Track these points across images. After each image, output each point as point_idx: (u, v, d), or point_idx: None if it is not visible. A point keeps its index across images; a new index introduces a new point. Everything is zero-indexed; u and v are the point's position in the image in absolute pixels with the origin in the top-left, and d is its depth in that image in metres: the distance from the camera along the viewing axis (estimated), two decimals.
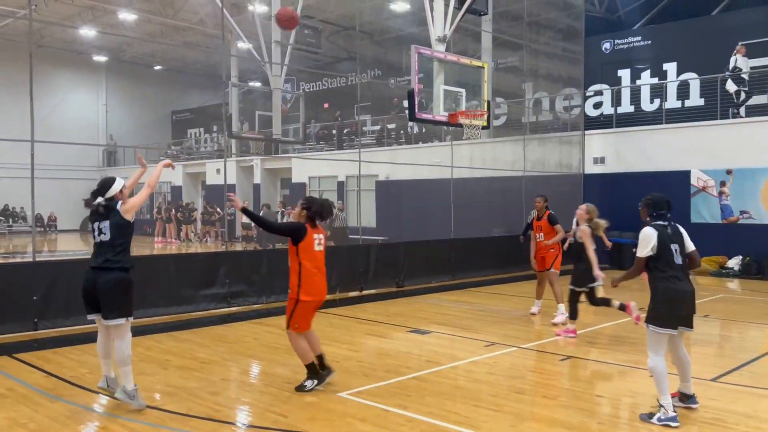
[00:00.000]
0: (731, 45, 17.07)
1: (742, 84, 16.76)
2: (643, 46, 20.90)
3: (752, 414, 5.53)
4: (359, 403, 5.82)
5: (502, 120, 22.30)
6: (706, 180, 16.68)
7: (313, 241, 6.13)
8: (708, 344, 8.76)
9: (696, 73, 19.09)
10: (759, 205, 15.83)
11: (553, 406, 5.76)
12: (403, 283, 13.21)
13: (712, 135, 16.62)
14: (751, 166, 15.91)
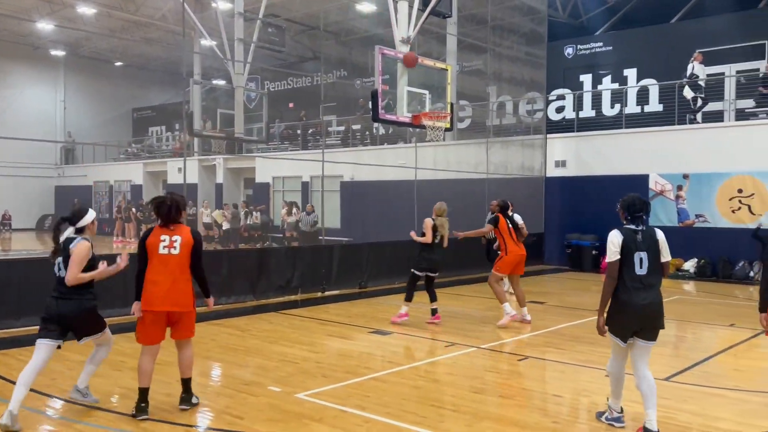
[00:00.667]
0: (689, 52, 17.47)
1: (699, 91, 17.16)
2: (604, 51, 21.26)
3: (702, 413, 5.65)
4: (316, 404, 5.77)
5: (466, 123, 22.45)
6: (664, 184, 17.04)
7: (159, 243, 5.34)
8: (663, 345, 8.91)
9: (655, 79, 19.51)
10: (714, 209, 16.24)
11: (510, 406, 5.80)
12: (367, 284, 13.19)
13: (670, 140, 16.99)
14: (707, 171, 16.30)
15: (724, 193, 16.08)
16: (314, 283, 12.23)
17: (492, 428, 5.19)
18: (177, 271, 5.34)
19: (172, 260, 5.33)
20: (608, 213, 12.54)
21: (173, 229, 5.39)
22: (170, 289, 5.32)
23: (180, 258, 5.35)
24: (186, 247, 5.37)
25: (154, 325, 5.39)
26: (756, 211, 15.63)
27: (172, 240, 5.33)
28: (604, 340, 8.45)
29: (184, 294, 5.41)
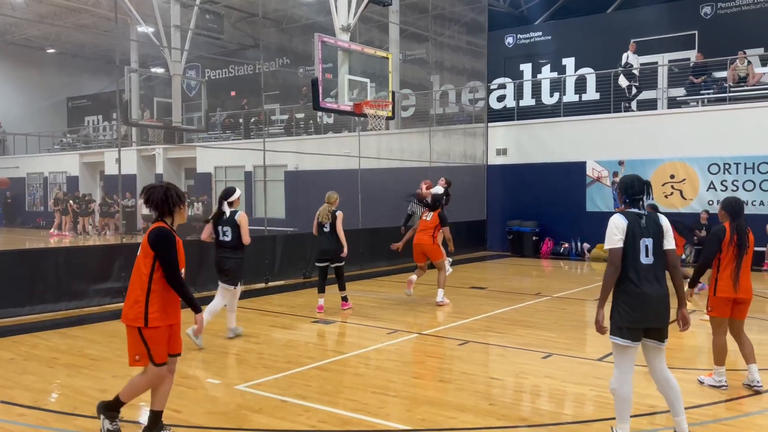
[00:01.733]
0: (624, 42, 17.98)
1: (634, 79, 17.69)
2: (544, 41, 21.64)
3: (634, 390, 5.84)
4: (257, 395, 5.73)
5: (410, 111, 22.55)
6: (601, 170, 17.53)
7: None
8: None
9: (592, 68, 19.99)
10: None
11: (449, 390, 5.89)
12: (311, 274, 13.12)
13: (606, 128, 17.47)
14: (642, 158, 16.84)
15: (658, 179, 16.64)
16: (257, 274, 12.10)
17: (431, 412, 5.26)
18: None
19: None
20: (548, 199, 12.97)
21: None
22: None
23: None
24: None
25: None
26: (687, 196, 16.25)
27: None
28: (543, 323, 8.69)
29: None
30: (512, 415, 5.21)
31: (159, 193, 4.56)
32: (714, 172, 15.85)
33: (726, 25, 17.92)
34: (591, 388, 5.94)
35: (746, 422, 5.01)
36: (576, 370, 6.63)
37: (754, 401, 5.51)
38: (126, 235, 22.42)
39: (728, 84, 16.35)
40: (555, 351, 7.36)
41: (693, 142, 16.03)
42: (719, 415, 5.16)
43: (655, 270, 4.42)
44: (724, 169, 15.69)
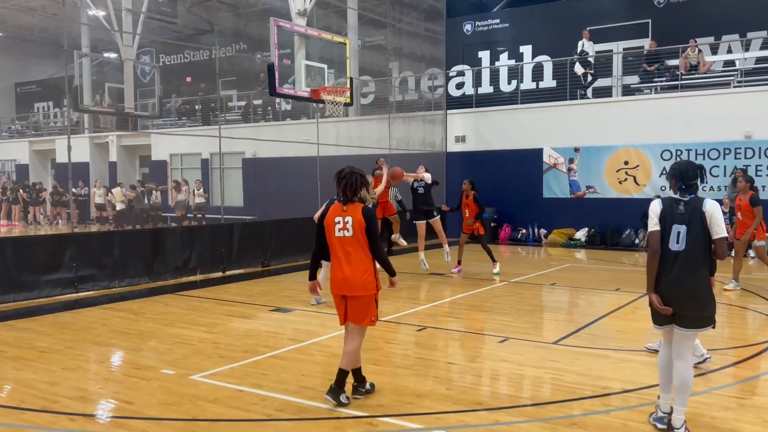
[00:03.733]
0: (580, 30, 18.18)
1: (589, 67, 17.94)
2: (501, 28, 21.73)
3: (586, 372, 5.96)
4: (212, 384, 5.65)
5: (369, 98, 22.45)
6: (557, 157, 17.76)
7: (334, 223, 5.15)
8: (557, 311, 9.37)
9: (549, 55, 20.17)
10: (603, 180, 17.11)
11: (407, 375, 5.89)
12: (269, 262, 13.01)
13: (562, 115, 17.70)
14: (596, 145, 17.13)
15: (612, 165, 16.97)
16: (214, 263, 11.93)
17: (388, 398, 5.25)
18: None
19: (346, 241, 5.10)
20: (506, 186, 13.07)
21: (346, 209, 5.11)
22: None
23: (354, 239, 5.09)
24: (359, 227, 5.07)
25: (339, 305, 5.26)
26: (640, 182, 16.60)
27: (345, 221, 5.08)
28: (500, 308, 8.78)
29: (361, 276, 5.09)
30: (469, 399, 5.25)
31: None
32: (666, 159, 16.21)
33: (678, 13, 18.28)
34: (547, 371, 6.01)
35: (693, 401, 5.14)
36: (532, 353, 6.72)
37: (702, 381, 5.65)
38: (78, 225, 21.89)
39: (680, 72, 16.71)
40: (512, 335, 7.44)
41: (646, 129, 16.36)
42: None
43: (685, 257, 4.33)
44: (676, 155, 16.06)
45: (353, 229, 5.03)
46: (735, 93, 15.66)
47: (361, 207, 5.09)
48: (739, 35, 17.34)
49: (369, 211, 5.11)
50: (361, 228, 5.03)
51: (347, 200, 5.11)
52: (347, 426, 4.71)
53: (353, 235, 5.04)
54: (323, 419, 4.84)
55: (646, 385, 5.52)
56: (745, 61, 16.69)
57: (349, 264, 5.04)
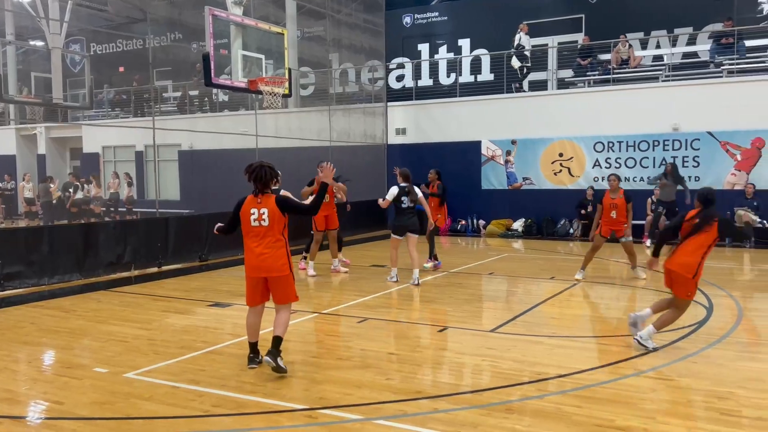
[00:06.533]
0: (516, 24, 18.49)
1: (525, 60, 18.28)
2: (440, 21, 21.89)
3: (522, 359, 6.10)
4: (147, 382, 5.51)
5: (310, 90, 22.26)
6: (495, 149, 18.06)
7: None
8: (495, 299, 9.55)
9: (486, 49, 20.46)
10: (539, 172, 17.50)
11: (347, 367, 5.90)
12: (207, 256, 12.75)
13: (500, 108, 18.00)
14: (532, 137, 17.50)
15: (547, 157, 17.38)
16: (149, 258, 11.61)
17: (328, 390, 5.25)
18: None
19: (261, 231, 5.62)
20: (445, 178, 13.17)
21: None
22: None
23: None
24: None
25: (252, 288, 5.79)
26: (575, 173, 17.06)
27: (261, 212, 5.59)
28: (440, 298, 8.87)
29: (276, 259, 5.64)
30: (408, 388, 5.29)
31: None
32: (599, 150, 16.71)
33: (610, 9, 18.81)
34: (484, 359, 6.13)
35: (623, 384, 5.34)
36: (470, 341, 6.83)
37: (629, 365, 5.87)
38: (6, 220, 20.97)
39: (612, 66, 17.23)
40: (451, 324, 7.55)
41: (580, 121, 16.82)
42: (600, 379, 5.45)
43: None
44: (608, 147, 16.57)
45: (269, 219, 5.56)
46: (663, 87, 16.25)
47: (274, 197, 5.61)
48: (667, 31, 18.02)
49: (280, 198, 5.63)
50: (276, 217, 5.55)
51: (259, 192, 5.61)
52: (286, 419, 4.69)
53: (269, 225, 5.57)
54: (262, 413, 4.80)
55: (579, 369, 5.69)
56: (672, 56, 17.35)
57: (266, 249, 5.57)
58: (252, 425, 4.61)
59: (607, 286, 10.32)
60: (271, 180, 5.64)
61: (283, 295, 5.72)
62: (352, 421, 4.63)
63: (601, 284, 10.43)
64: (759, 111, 14.86)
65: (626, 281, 10.50)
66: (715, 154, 15.46)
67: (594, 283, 10.44)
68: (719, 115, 15.31)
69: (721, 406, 4.82)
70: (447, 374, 5.83)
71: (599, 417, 4.60)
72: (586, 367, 5.76)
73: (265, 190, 5.62)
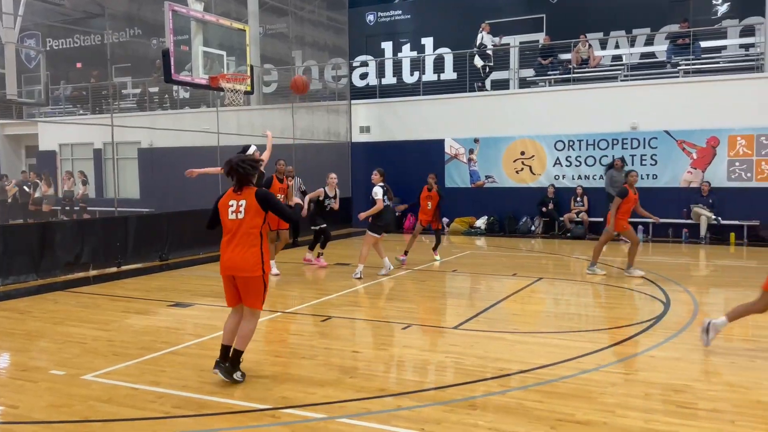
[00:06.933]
0: (479, 23, 18.64)
1: (488, 60, 18.44)
2: (404, 20, 21.95)
3: (485, 355, 6.16)
4: (105, 384, 5.40)
5: (272, 87, 22.09)
6: (458, 148, 18.19)
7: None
8: (459, 296, 9.61)
9: (449, 48, 20.58)
10: (501, 170, 17.68)
11: (311, 366, 5.87)
12: (168, 256, 12.57)
13: (463, 107, 18.13)
14: (495, 136, 17.67)
15: (509, 156, 17.57)
16: (108, 258, 11.40)
17: (291, 389, 5.22)
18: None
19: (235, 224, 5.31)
20: (410, 176, 13.26)
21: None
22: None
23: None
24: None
25: (226, 287, 5.45)
26: (536, 171, 17.28)
27: (239, 204, 5.28)
28: (404, 295, 8.87)
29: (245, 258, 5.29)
30: (372, 386, 5.29)
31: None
32: (560, 149, 16.96)
33: (570, 10, 19.10)
34: (448, 355, 6.16)
35: (584, 379, 5.43)
36: (434, 339, 6.87)
37: (591, 359, 5.97)
38: None
39: (572, 66, 17.50)
40: (414, 322, 7.57)
41: (541, 120, 17.05)
42: (561, 374, 5.54)
43: None
44: (569, 145, 16.83)
45: (245, 212, 5.22)
46: (622, 86, 16.58)
47: (255, 190, 5.28)
48: (626, 32, 18.38)
49: (262, 192, 5.29)
50: (253, 210, 5.22)
51: (240, 187, 5.31)
52: (249, 419, 4.64)
53: (244, 218, 5.23)
54: (224, 414, 4.74)
55: (540, 365, 5.77)
56: (630, 56, 17.70)
57: (237, 246, 5.25)
58: (214, 426, 4.55)
59: (568, 282, 10.48)
60: (251, 176, 5.31)
61: (249, 299, 5.33)
62: (315, 420, 4.61)
63: (562, 281, 10.59)
64: (714, 111, 15.27)
65: (586, 277, 10.68)
66: (672, 153, 15.84)
67: (555, 280, 10.59)
68: (676, 115, 15.69)
69: (678, 398, 4.94)
70: (411, 371, 5.85)
71: (560, 411, 4.67)
72: (547, 363, 5.84)
73: (243, 186, 5.31)
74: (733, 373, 5.56)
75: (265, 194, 5.31)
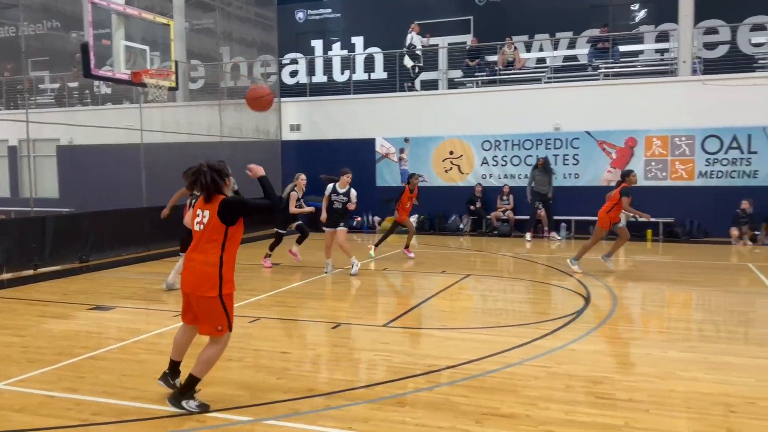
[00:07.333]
0: (409, 23, 18.79)
1: (417, 60, 18.61)
2: (334, 18, 21.89)
3: (413, 352, 6.22)
4: (19, 392, 5.14)
5: (199, 83, 21.59)
6: (389, 147, 18.29)
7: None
8: (389, 294, 9.66)
9: (380, 47, 20.66)
10: (431, 169, 17.89)
11: (238, 368, 5.77)
12: (88, 257, 12.08)
13: (393, 106, 18.24)
14: (424, 135, 17.86)
15: (439, 155, 17.80)
16: (24, 260, 10.84)
17: (217, 393, 5.11)
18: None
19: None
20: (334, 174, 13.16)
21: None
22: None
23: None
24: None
25: (184, 302, 4.90)
26: (464, 171, 17.58)
27: (204, 214, 4.74)
28: (333, 294, 8.87)
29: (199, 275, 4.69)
30: (301, 386, 5.25)
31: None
32: (487, 149, 17.31)
33: (497, 12, 19.51)
34: (377, 353, 6.19)
35: (508, 373, 5.56)
36: (364, 337, 6.88)
37: (516, 354, 6.12)
38: None
39: (498, 67, 17.89)
40: (344, 321, 7.57)
41: (469, 120, 17.35)
42: (487, 369, 5.65)
43: None
44: (495, 145, 17.20)
45: (206, 224, 4.66)
46: (545, 88, 17.07)
47: (221, 199, 4.67)
48: (549, 35, 18.93)
49: (226, 201, 4.67)
50: (211, 224, 4.64)
51: (209, 197, 4.71)
52: (172, 424, 4.52)
53: (205, 229, 4.66)
54: (147, 420, 4.60)
55: (467, 360, 5.87)
56: (554, 59, 18.25)
57: (193, 261, 4.68)
58: None
59: (495, 279, 10.71)
60: (218, 184, 4.68)
61: (203, 324, 4.73)
62: (241, 423, 4.53)
63: (489, 277, 10.81)
64: (631, 112, 15.93)
65: (513, 274, 10.95)
66: (593, 153, 16.42)
67: (482, 276, 10.81)
68: (596, 116, 16.28)
69: (597, 390, 5.12)
70: (340, 371, 5.83)
71: (486, 405, 4.77)
72: (474, 358, 5.95)
73: (211, 197, 4.69)
74: (648, 363, 5.82)
75: (226, 202, 4.65)
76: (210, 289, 4.61)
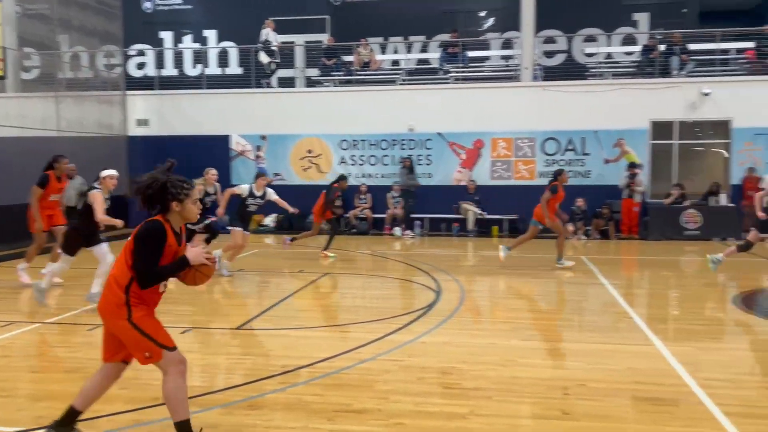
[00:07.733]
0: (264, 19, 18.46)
1: (274, 56, 18.35)
2: (185, 9, 21.03)
3: (268, 353, 6.11)
4: None
5: (34, 73, 19.87)
6: (245, 145, 17.88)
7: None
8: (240, 296, 9.43)
9: (234, 42, 20.14)
10: (289, 168, 17.73)
11: (74, 380, 5.33)
12: None
13: (249, 103, 17.85)
14: (282, 133, 17.66)
15: (297, 153, 17.69)
16: None
17: (50, 407, 4.69)
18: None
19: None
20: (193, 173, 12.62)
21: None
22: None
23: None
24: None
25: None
26: (323, 170, 17.59)
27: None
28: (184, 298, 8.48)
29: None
30: (144, 396, 4.97)
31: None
32: (345, 148, 17.45)
33: (353, 13, 19.73)
34: (228, 357, 6.02)
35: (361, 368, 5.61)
36: (215, 341, 6.66)
37: (369, 349, 6.19)
38: None
39: (354, 68, 18.08)
40: (194, 325, 7.27)
41: (326, 119, 17.38)
42: (340, 366, 5.66)
43: None
44: (353, 145, 17.38)
45: (126, 243, 3.95)
46: (400, 90, 17.51)
47: (146, 221, 3.91)
48: (403, 38, 19.43)
49: (142, 227, 3.86)
50: (128, 243, 3.93)
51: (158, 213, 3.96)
52: None
53: (123, 249, 3.95)
54: None
55: (322, 358, 5.85)
56: (408, 61, 18.76)
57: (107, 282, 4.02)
58: None
59: (352, 276, 10.80)
60: (166, 201, 3.92)
61: (132, 350, 4.18)
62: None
63: (347, 275, 10.89)
64: (479, 115, 16.75)
65: (371, 271, 11.10)
66: (444, 154, 17.08)
67: (340, 274, 10.86)
68: (447, 118, 16.94)
69: (445, 380, 5.30)
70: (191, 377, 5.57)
71: (338, 403, 4.77)
72: (328, 356, 5.94)
73: (162, 211, 3.94)
74: (492, 353, 6.11)
75: (140, 232, 3.85)
76: (118, 314, 4.09)
